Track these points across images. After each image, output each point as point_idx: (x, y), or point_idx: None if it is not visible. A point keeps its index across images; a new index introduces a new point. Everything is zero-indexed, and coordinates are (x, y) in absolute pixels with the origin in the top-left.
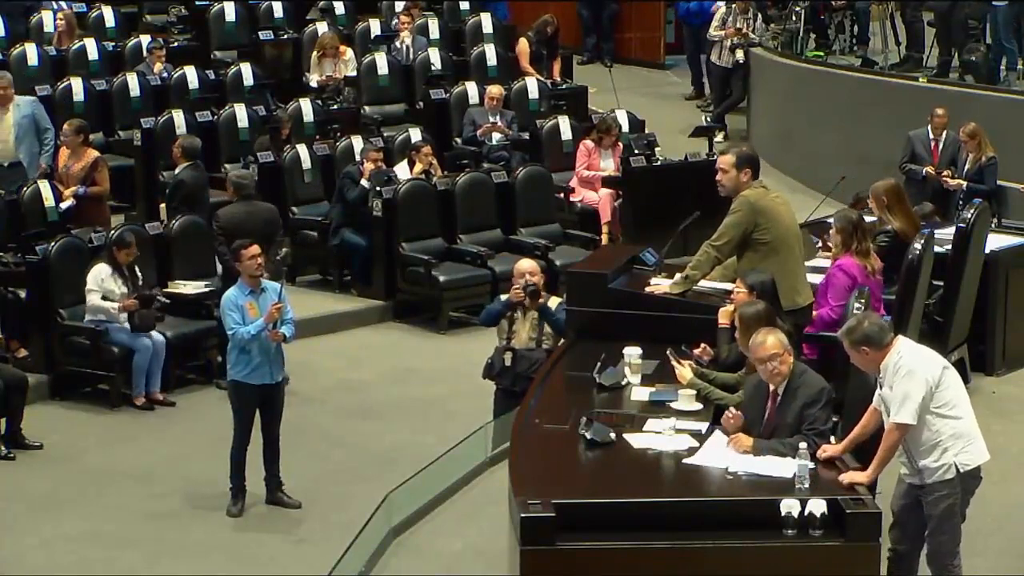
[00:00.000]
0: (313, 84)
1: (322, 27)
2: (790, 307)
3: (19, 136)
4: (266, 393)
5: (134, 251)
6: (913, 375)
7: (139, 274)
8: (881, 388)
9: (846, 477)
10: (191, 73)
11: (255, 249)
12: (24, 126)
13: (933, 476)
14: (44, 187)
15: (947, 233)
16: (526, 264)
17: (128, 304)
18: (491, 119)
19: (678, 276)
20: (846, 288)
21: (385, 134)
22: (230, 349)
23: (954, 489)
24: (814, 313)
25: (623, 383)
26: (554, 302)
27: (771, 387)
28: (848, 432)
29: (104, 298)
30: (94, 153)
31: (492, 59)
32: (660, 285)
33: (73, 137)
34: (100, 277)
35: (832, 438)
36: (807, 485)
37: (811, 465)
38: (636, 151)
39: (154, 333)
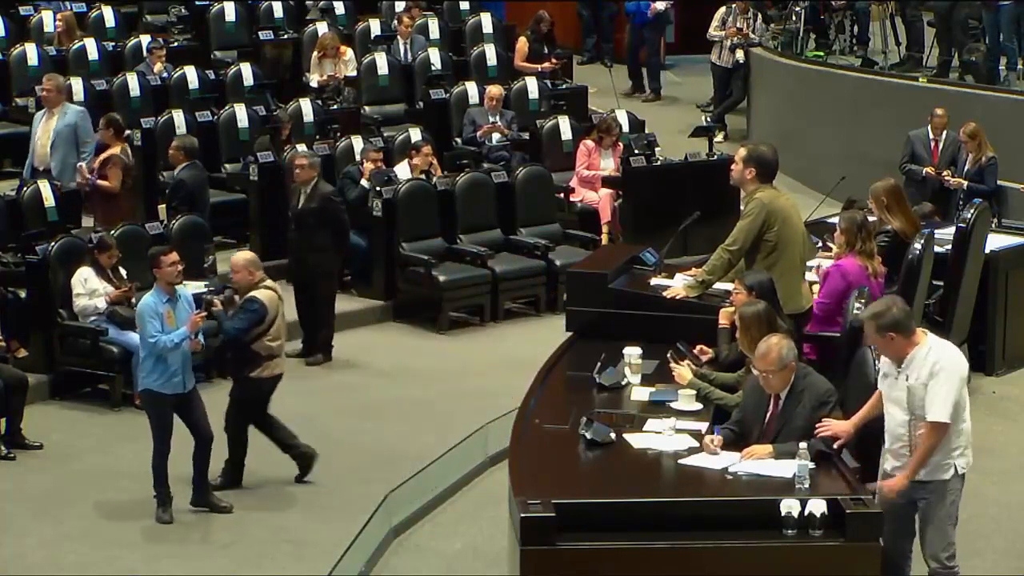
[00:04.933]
0: (313, 84)
1: (322, 27)
2: (793, 310)
3: (55, 144)
4: (179, 401)
5: (116, 253)
6: (952, 375)
7: (123, 274)
8: (908, 380)
9: (885, 485)
10: (191, 73)
11: (174, 256)
12: (64, 135)
13: (936, 474)
14: (44, 187)
15: (947, 233)
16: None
17: (114, 295)
18: (491, 119)
19: (693, 279)
20: (839, 290)
21: (385, 134)
22: (145, 357)
23: (955, 487)
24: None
25: (623, 383)
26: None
27: None
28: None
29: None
30: (115, 150)
31: (492, 59)
32: (674, 288)
33: (104, 131)
34: (83, 278)
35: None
36: (807, 485)
37: (811, 465)
38: (636, 151)
39: None
